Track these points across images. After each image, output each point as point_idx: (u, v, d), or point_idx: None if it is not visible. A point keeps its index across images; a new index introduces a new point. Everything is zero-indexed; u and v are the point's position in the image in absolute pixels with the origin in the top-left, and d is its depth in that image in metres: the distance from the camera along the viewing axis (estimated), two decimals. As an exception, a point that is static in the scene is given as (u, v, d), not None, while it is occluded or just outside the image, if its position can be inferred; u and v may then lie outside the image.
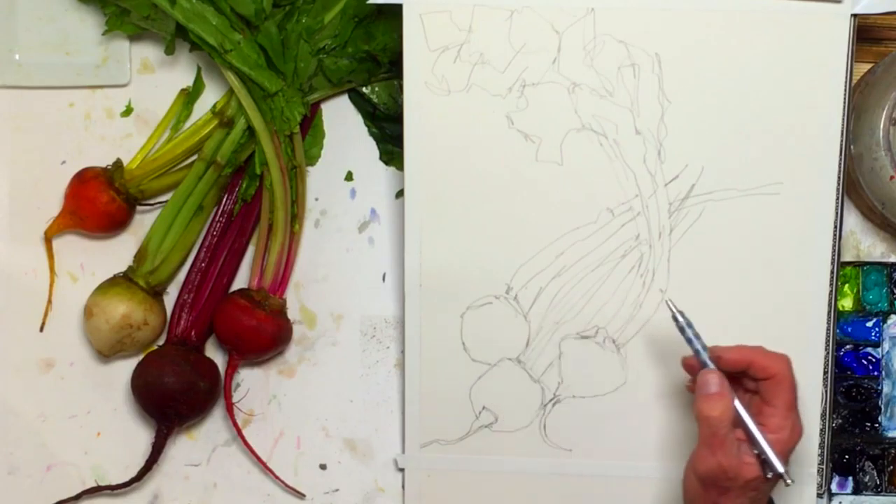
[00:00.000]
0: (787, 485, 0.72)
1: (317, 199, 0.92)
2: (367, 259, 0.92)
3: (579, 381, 0.86)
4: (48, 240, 0.91)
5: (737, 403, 0.74)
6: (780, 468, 0.72)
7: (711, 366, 0.75)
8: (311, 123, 0.92)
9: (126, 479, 0.89)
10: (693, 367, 0.77)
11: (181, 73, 0.92)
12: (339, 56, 0.89)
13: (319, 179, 0.92)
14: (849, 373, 0.90)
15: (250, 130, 0.88)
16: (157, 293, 0.90)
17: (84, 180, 0.89)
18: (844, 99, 0.83)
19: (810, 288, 0.84)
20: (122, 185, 0.89)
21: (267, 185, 0.89)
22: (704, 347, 0.76)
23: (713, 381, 0.74)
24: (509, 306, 0.86)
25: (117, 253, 0.91)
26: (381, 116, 0.92)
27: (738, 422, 0.73)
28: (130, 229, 0.92)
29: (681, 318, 0.76)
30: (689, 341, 0.76)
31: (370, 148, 0.93)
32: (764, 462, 0.72)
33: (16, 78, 0.92)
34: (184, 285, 0.90)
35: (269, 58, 0.87)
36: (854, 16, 0.82)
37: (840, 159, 0.84)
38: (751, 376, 0.75)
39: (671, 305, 0.77)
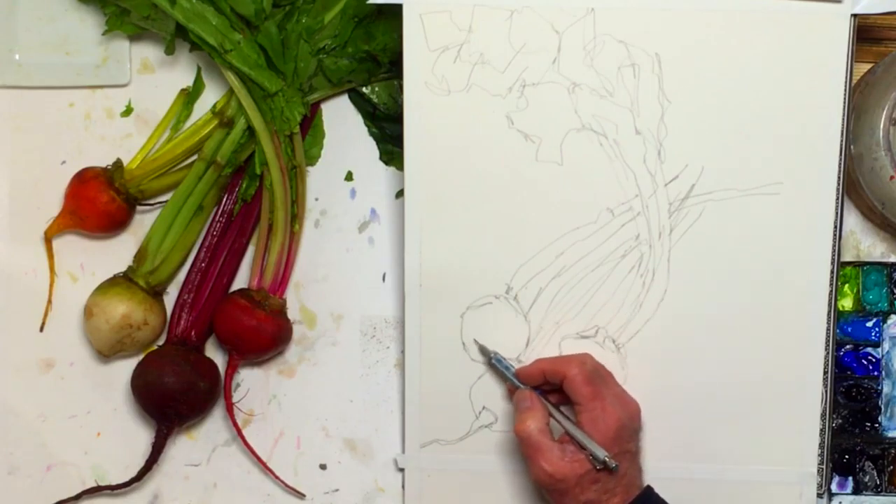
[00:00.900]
0: (612, 468, 0.77)
1: (317, 199, 0.92)
2: (367, 259, 0.92)
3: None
4: (48, 240, 0.91)
5: (552, 410, 0.81)
6: (601, 453, 0.77)
7: (523, 387, 0.83)
8: (311, 123, 0.92)
9: (126, 479, 0.89)
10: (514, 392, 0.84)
11: (181, 73, 0.92)
12: (339, 56, 0.89)
13: (319, 179, 0.92)
14: (849, 373, 0.90)
15: (250, 130, 0.88)
16: (157, 293, 0.90)
17: (84, 180, 0.89)
18: (844, 99, 0.83)
19: (810, 288, 0.84)
20: (122, 185, 0.89)
21: (267, 185, 0.89)
22: (515, 373, 0.84)
23: (523, 397, 0.82)
24: (509, 306, 0.86)
25: (117, 253, 0.91)
26: (381, 116, 0.92)
27: (563, 429, 0.80)
28: (130, 229, 0.92)
29: (493, 357, 0.85)
30: (503, 373, 0.84)
31: (370, 148, 0.92)
32: (593, 456, 0.78)
33: (16, 78, 0.92)
34: (184, 285, 0.90)
35: (269, 58, 0.87)
36: (854, 16, 0.82)
37: (840, 159, 0.84)
38: (552, 384, 0.82)
39: (485, 348, 0.85)
